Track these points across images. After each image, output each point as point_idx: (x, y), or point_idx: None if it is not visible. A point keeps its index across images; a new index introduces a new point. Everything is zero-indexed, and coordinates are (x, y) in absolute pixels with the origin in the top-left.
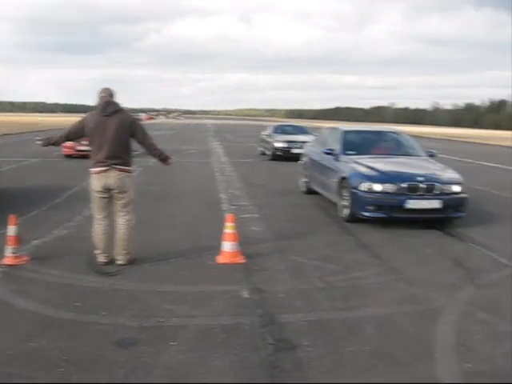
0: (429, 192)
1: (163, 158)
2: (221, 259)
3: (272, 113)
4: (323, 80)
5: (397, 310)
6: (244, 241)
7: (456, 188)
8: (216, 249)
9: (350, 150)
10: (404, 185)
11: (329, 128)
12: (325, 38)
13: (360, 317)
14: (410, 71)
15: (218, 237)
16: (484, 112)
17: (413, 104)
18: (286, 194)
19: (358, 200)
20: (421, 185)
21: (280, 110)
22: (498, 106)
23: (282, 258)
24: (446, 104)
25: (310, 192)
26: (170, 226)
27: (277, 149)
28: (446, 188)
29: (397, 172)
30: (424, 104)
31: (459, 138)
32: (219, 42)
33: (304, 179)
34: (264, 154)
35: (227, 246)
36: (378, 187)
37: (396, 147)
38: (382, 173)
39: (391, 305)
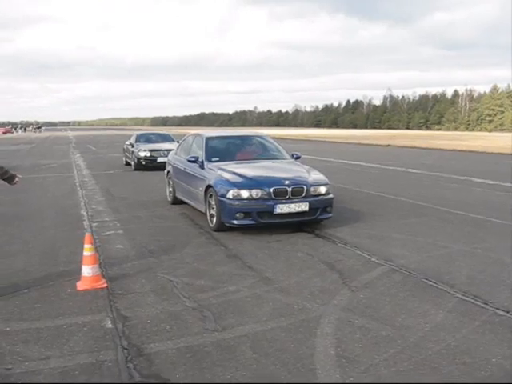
0: (296, 195)
1: (7, 178)
2: (81, 285)
3: (136, 121)
4: (186, 86)
5: (273, 324)
6: (107, 261)
7: (322, 189)
8: (76, 274)
9: (215, 157)
10: (271, 190)
11: (192, 135)
12: (185, 44)
13: (235, 337)
14: (272, 76)
15: (78, 260)
16: (342, 112)
17: (275, 107)
18: (151, 206)
19: (225, 208)
20: (288, 188)
21: (144, 118)
22: (354, 107)
23: (148, 278)
24: (307, 106)
25: (177, 202)
26: (22, 251)
27: (140, 158)
28: (312, 190)
29: (263, 177)
30: (286, 107)
31: (320, 139)
32: (77, 51)
33: (169, 189)
34: (128, 164)
35: (87, 270)
36: (245, 194)
37: (261, 151)
38: (248, 179)
39: (267, 319)
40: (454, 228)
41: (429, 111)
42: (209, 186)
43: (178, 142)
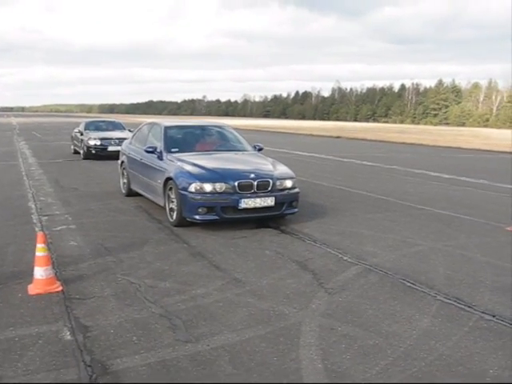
0: (262, 189)
1: None
2: (33, 289)
3: (82, 108)
4: (134, 74)
5: (251, 333)
6: (61, 261)
7: (288, 183)
8: (27, 275)
9: (174, 148)
10: (236, 183)
11: (148, 124)
12: (135, 30)
13: (211, 349)
14: (222, 65)
15: (29, 259)
16: (291, 103)
17: (224, 97)
18: (104, 198)
19: (187, 202)
20: (253, 182)
21: (91, 105)
22: (303, 98)
23: (107, 280)
24: (256, 96)
25: (132, 194)
26: None
27: (90, 147)
28: (278, 184)
29: (227, 170)
30: (235, 96)
31: (271, 129)
32: (21, 33)
33: (124, 180)
34: (77, 152)
35: (39, 272)
36: (208, 187)
37: (223, 142)
38: (211, 171)
39: (243, 328)
40: (422, 224)
41: (376, 104)
42: (169, 179)
43: (129, 130)
